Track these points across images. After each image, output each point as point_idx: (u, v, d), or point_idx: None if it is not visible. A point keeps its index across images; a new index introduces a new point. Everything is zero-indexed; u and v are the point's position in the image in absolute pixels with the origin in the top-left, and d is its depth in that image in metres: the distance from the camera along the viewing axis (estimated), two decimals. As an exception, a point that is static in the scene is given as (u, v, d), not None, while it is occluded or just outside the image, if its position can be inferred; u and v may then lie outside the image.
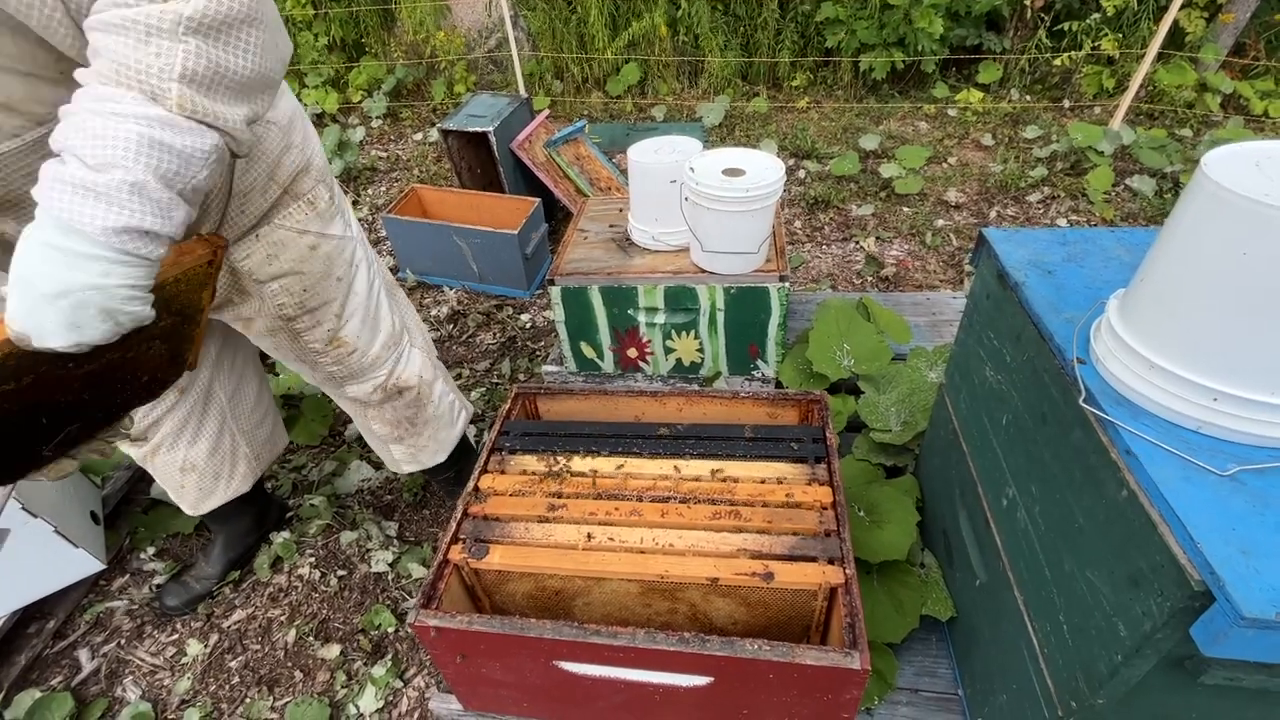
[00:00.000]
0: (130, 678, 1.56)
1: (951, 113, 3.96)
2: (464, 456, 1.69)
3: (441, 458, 1.59)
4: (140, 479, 1.96)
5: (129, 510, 1.91)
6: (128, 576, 1.77)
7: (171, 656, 1.60)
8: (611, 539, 1.01)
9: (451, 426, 1.59)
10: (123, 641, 1.63)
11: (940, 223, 3.04)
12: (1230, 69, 3.83)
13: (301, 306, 1.22)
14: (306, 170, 1.16)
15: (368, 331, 1.33)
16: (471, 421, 2.11)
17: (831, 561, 0.95)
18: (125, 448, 1.39)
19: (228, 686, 1.53)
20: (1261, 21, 3.82)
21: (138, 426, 1.35)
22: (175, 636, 1.64)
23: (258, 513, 1.76)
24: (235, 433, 1.48)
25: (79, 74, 0.72)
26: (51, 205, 0.67)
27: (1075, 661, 0.78)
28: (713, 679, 0.91)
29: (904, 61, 4.05)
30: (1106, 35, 3.78)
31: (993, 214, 3.09)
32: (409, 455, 1.56)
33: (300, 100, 4.85)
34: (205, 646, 1.61)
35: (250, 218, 1.11)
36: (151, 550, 1.82)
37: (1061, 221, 3.01)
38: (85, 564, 1.65)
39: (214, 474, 1.48)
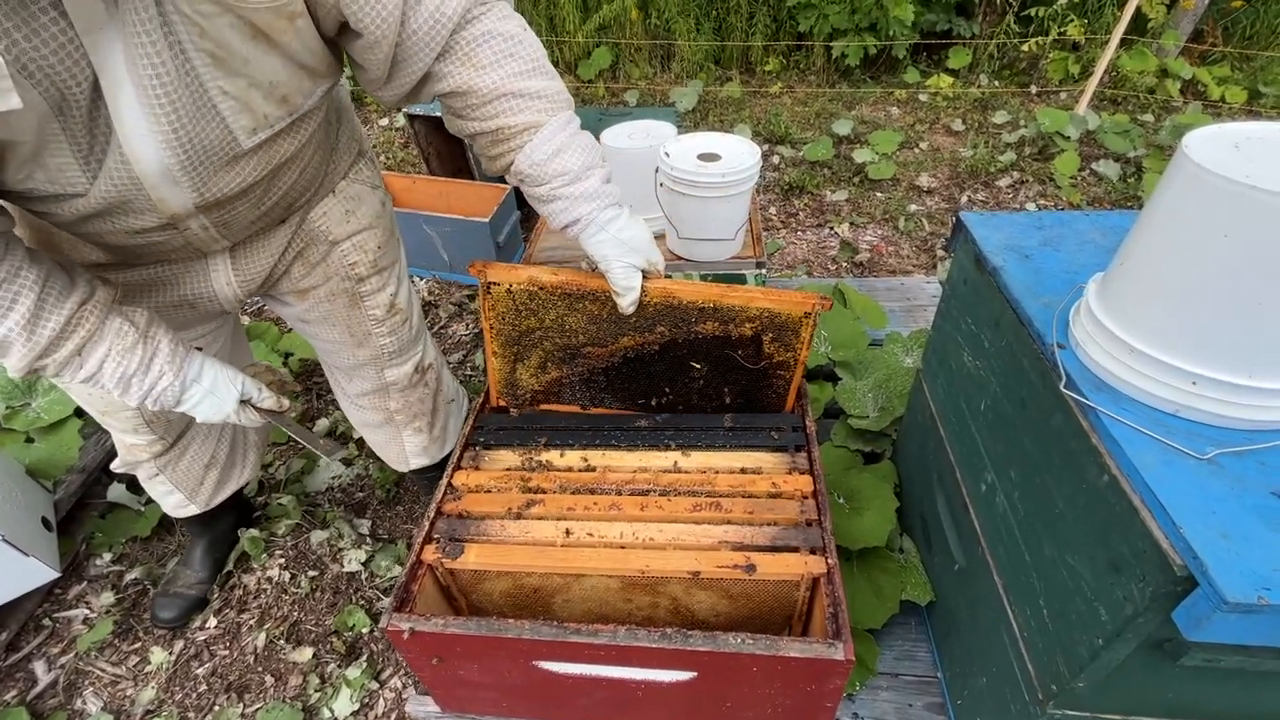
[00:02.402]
0: (90, 689, 1.50)
1: (923, 98, 3.98)
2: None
3: (448, 450, 1.57)
4: (95, 482, 1.87)
5: (84, 515, 1.82)
6: (85, 584, 1.70)
7: (134, 665, 1.54)
8: (590, 534, 0.99)
9: (460, 414, 1.60)
10: (80, 652, 1.56)
11: (913, 208, 3.05)
12: (1190, 55, 3.91)
13: (374, 265, 1.23)
14: (362, 131, 1.22)
15: (414, 303, 1.37)
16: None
17: (813, 551, 0.94)
18: (135, 458, 1.31)
19: (195, 695, 1.48)
20: (1219, 8, 3.91)
21: (167, 439, 1.31)
22: (138, 645, 1.57)
23: (237, 511, 1.71)
24: None
25: (519, 121, 0.93)
26: (623, 201, 1.02)
27: (1055, 645, 0.78)
28: (696, 674, 0.90)
29: (876, 46, 4.05)
30: (1072, 21, 3.83)
31: (964, 199, 3.12)
32: (421, 448, 1.53)
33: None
34: (170, 654, 1.55)
35: (338, 174, 1.15)
36: (109, 556, 1.74)
37: (1030, 205, 3.05)
38: (37, 573, 1.57)
39: (230, 464, 1.47)
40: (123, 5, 0.67)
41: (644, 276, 1.06)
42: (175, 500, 1.43)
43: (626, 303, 1.06)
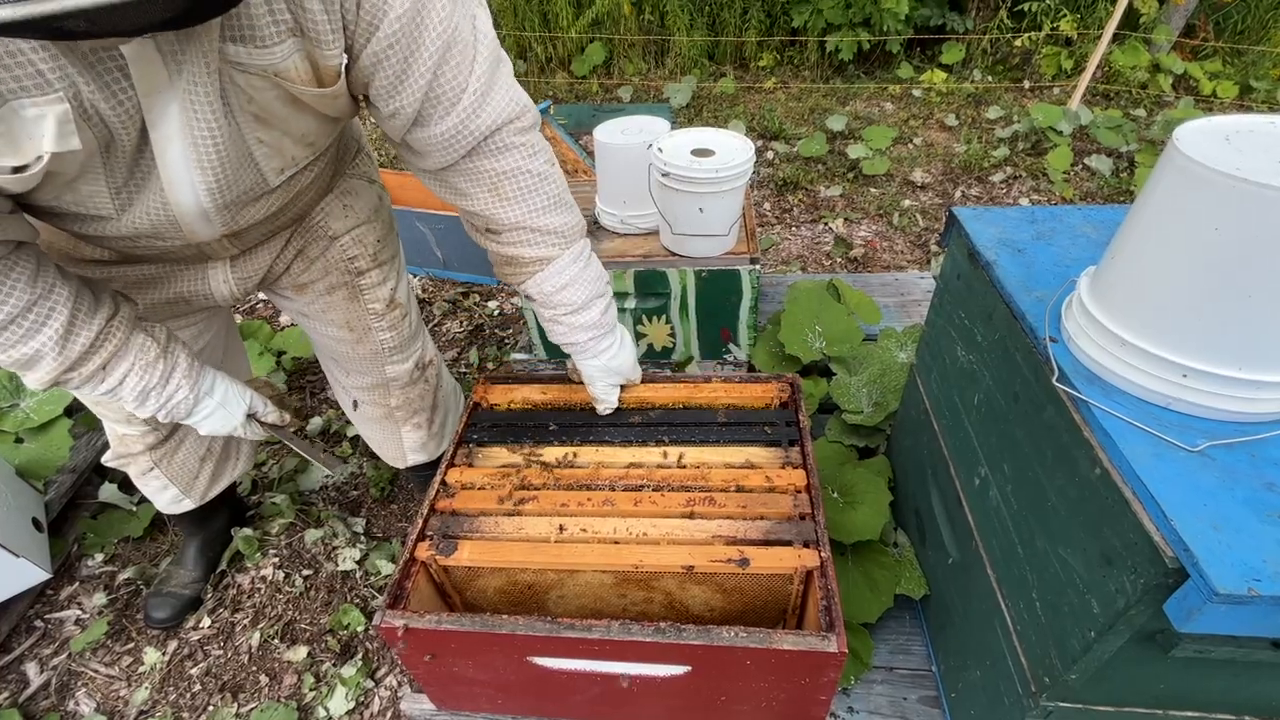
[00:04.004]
0: (83, 690, 1.49)
1: (916, 93, 3.99)
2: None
3: (444, 449, 1.57)
4: (86, 482, 1.86)
5: (75, 515, 1.81)
6: (77, 585, 1.69)
7: (127, 666, 1.53)
8: (584, 530, 0.99)
9: (458, 411, 1.60)
10: (73, 653, 1.55)
11: (907, 203, 3.06)
12: (1181, 50, 3.93)
13: (374, 259, 1.23)
14: (360, 127, 1.23)
15: (412, 299, 1.37)
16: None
17: (807, 545, 0.95)
18: (129, 453, 1.31)
19: (189, 695, 1.47)
20: (1210, 3, 3.92)
21: (162, 431, 1.31)
22: (131, 645, 1.57)
23: (231, 509, 1.71)
24: None
25: (535, 255, 1.00)
26: (618, 326, 1.13)
27: (1048, 638, 0.78)
28: (690, 668, 0.90)
29: (870, 42, 4.05)
30: (1065, 16, 3.84)
31: (957, 194, 3.13)
32: (420, 444, 1.52)
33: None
34: (163, 655, 1.54)
35: (340, 175, 1.16)
36: (101, 556, 1.73)
37: (1024, 201, 3.05)
38: (28, 574, 1.56)
39: (225, 457, 1.46)
40: (185, 74, 0.70)
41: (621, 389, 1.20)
42: (170, 496, 1.42)
43: (602, 409, 1.19)
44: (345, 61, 0.78)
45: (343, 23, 0.75)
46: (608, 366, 1.13)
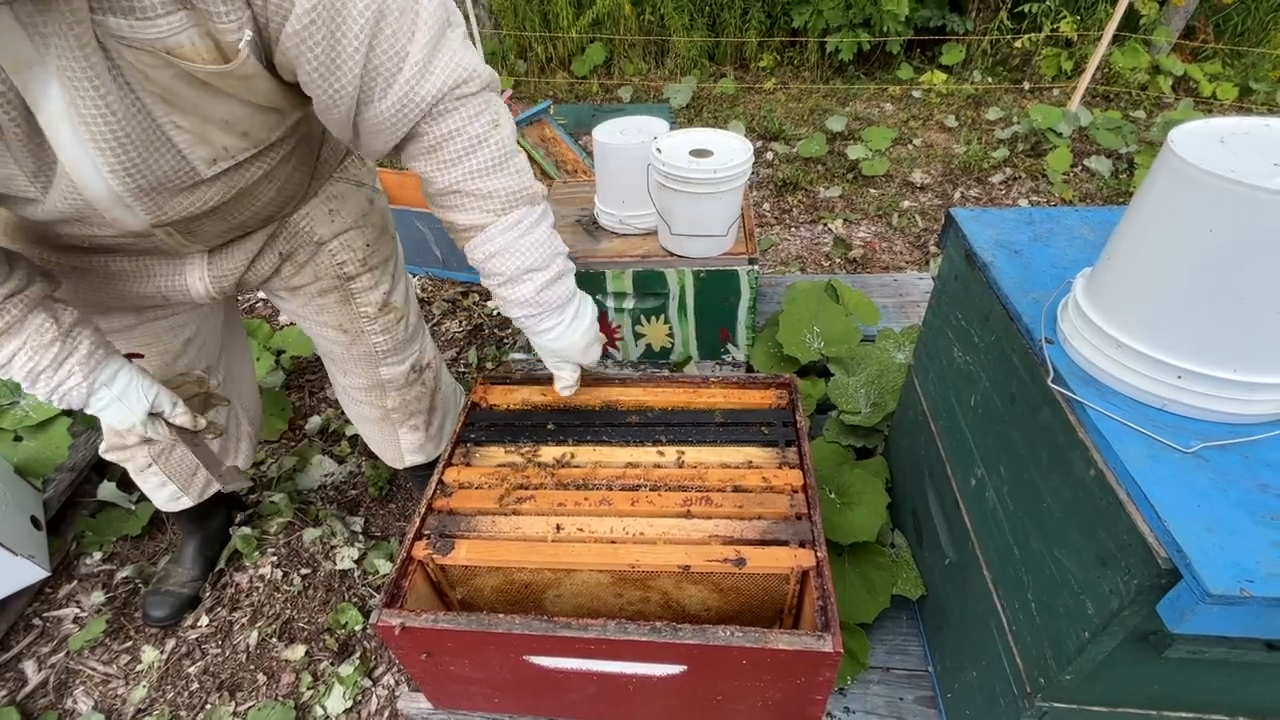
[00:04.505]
0: (81, 688, 1.49)
1: (916, 94, 3.99)
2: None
3: (442, 450, 1.56)
4: (85, 481, 1.86)
5: (74, 514, 1.81)
6: (75, 583, 1.69)
7: (125, 664, 1.53)
8: (581, 530, 0.99)
9: (456, 412, 1.60)
10: (71, 651, 1.55)
11: (906, 204, 3.06)
12: (1181, 52, 3.93)
13: (364, 264, 1.22)
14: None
15: (409, 302, 1.34)
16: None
17: (803, 544, 0.95)
18: (124, 444, 1.31)
19: (186, 693, 1.48)
20: (1210, 5, 3.92)
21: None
22: (129, 644, 1.57)
23: (230, 508, 1.72)
24: (238, 410, 1.46)
25: (468, 220, 0.93)
26: (529, 302, 1.00)
27: (1043, 638, 0.78)
28: (686, 667, 0.90)
29: (870, 42, 4.05)
30: (1065, 18, 3.84)
31: (957, 195, 3.13)
32: (417, 445, 1.53)
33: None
34: (161, 653, 1.54)
35: (322, 181, 1.14)
36: (99, 555, 1.73)
37: (1023, 202, 3.06)
38: (27, 572, 1.56)
39: (223, 454, 1.46)
40: (52, 47, 0.67)
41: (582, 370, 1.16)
42: (168, 493, 1.43)
43: (558, 387, 1.17)
44: (249, 38, 0.73)
45: None
46: (550, 348, 1.08)
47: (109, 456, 1.35)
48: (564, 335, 1.06)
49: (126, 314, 1.14)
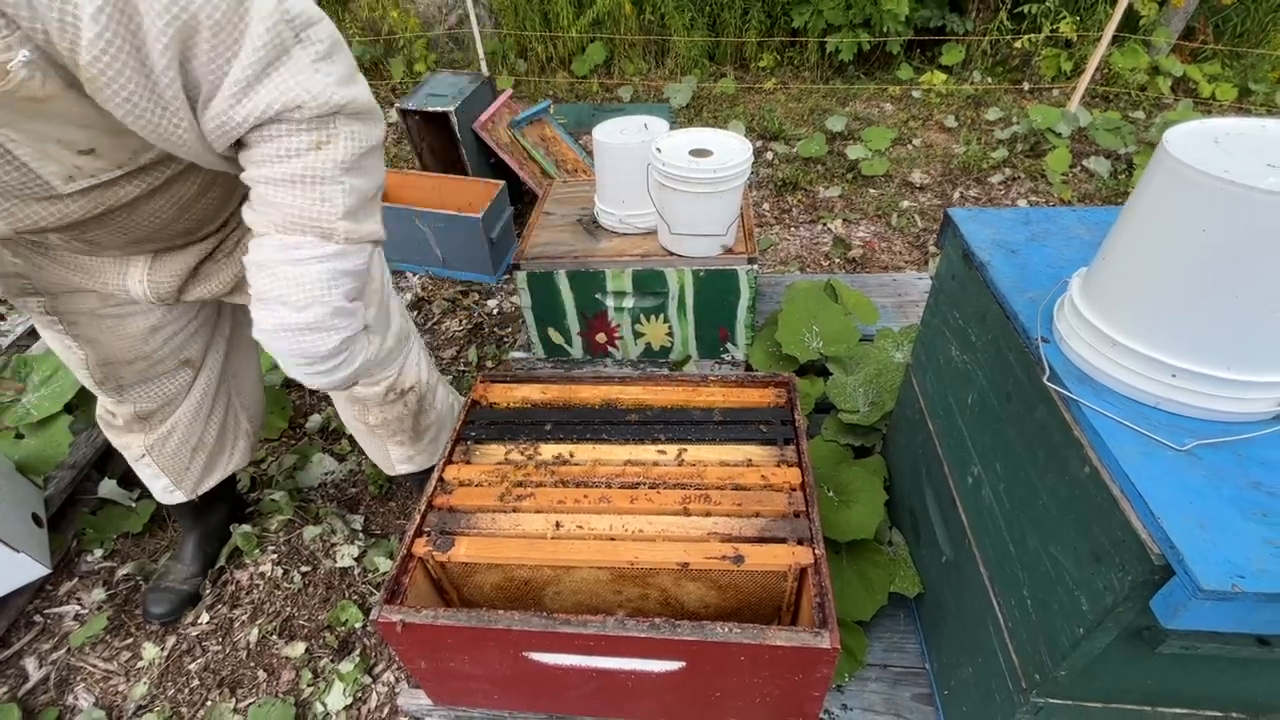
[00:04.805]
0: (82, 685, 1.50)
1: (916, 94, 3.99)
2: None
3: (435, 460, 1.57)
4: (86, 478, 1.87)
5: (75, 511, 1.82)
6: (76, 580, 1.69)
7: (126, 661, 1.54)
8: (580, 527, 1.00)
9: (451, 425, 1.56)
10: (72, 648, 1.56)
11: (905, 204, 3.07)
12: (1180, 52, 3.93)
13: None
14: None
15: (381, 323, 1.28)
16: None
17: (801, 542, 0.95)
18: (125, 437, 1.33)
19: (187, 690, 1.48)
20: (1210, 5, 3.93)
21: (148, 413, 1.31)
22: (129, 641, 1.57)
23: (230, 505, 1.71)
24: (239, 408, 1.46)
25: (254, 222, 0.83)
26: (283, 349, 0.86)
27: (1039, 634, 0.79)
28: (684, 663, 0.91)
29: (870, 43, 4.06)
30: (1065, 18, 3.85)
31: (956, 195, 3.13)
32: (407, 457, 1.53)
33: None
34: (162, 650, 1.55)
35: None
36: (100, 552, 1.74)
37: (1022, 202, 3.06)
38: (28, 569, 1.56)
39: (219, 450, 1.46)
40: None
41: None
42: (162, 485, 1.44)
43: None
44: (23, 59, 0.67)
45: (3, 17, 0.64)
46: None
47: (106, 433, 1.36)
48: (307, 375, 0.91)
49: (89, 296, 1.14)
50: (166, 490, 1.45)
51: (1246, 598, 0.54)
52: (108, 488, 1.80)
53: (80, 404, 1.88)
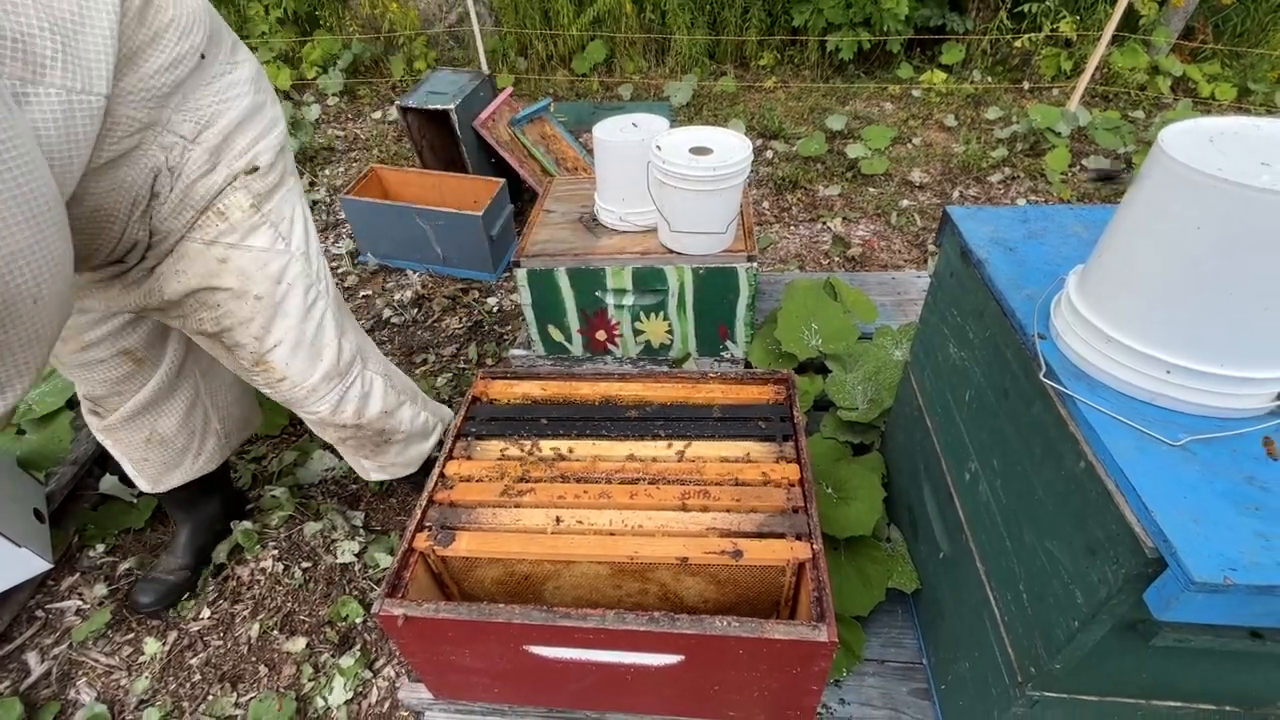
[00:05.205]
0: (84, 679, 1.50)
1: (916, 94, 4.00)
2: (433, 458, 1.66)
3: (413, 470, 1.57)
4: (87, 474, 1.87)
5: (76, 507, 1.82)
6: (78, 575, 1.70)
7: (128, 656, 1.55)
8: (580, 522, 1.00)
9: (424, 440, 1.54)
10: (74, 643, 1.56)
11: (905, 203, 3.07)
12: (1180, 52, 3.94)
13: (217, 324, 1.14)
14: (230, 184, 1.07)
15: (302, 360, 1.21)
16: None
17: (799, 537, 0.96)
18: (88, 417, 1.33)
19: (188, 684, 1.49)
20: (1209, 5, 3.93)
21: (96, 396, 1.30)
22: (131, 635, 1.58)
23: (225, 500, 1.71)
24: (208, 407, 1.44)
25: None
26: None
27: (1034, 628, 0.80)
28: (683, 657, 0.91)
29: (870, 41, 4.06)
30: (1065, 17, 3.85)
31: (955, 194, 3.14)
32: (377, 467, 1.53)
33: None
34: (164, 645, 1.55)
35: (169, 244, 1.07)
36: (102, 547, 1.74)
37: (1021, 201, 3.07)
38: (30, 564, 1.57)
39: (181, 448, 1.44)
40: None
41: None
42: (128, 470, 1.43)
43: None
44: None
45: None
46: None
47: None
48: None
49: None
50: (132, 474, 1.44)
51: (1238, 590, 0.55)
52: (109, 483, 1.81)
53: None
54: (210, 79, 1.02)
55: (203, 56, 0.99)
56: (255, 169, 1.09)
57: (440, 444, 1.68)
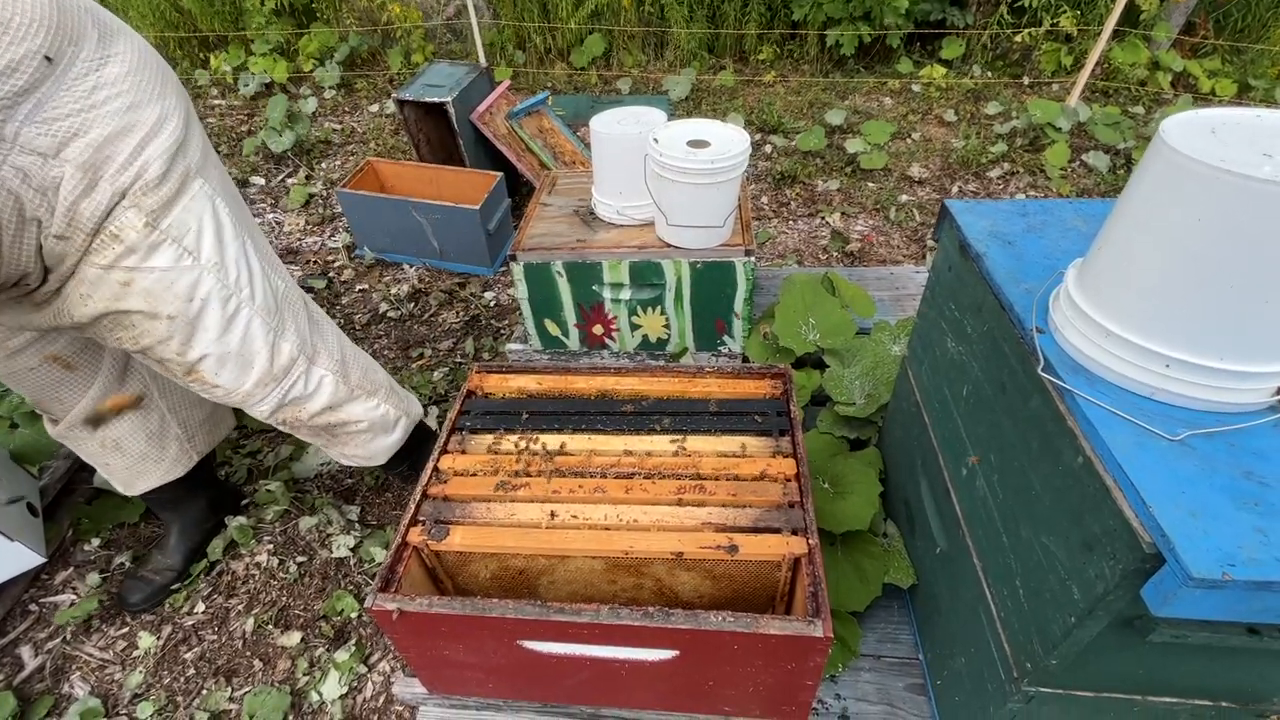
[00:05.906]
0: (78, 673, 1.50)
1: (915, 88, 3.98)
2: (420, 447, 1.65)
3: (379, 462, 1.54)
4: (81, 468, 1.86)
5: (70, 501, 1.82)
6: (71, 570, 1.69)
7: (122, 650, 1.54)
8: (575, 516, 1.00)
9: (387, 434, 1.49)
10: (68, 636, 1.56)
11: (904, 198, 3.06)
12: (1181, 47, 3.92)
13: (136, 342, 1.11)
14: (119, 202, 0.98)
15: (231, 370, 1.18)
16: (434, 403, 2.07)
17: (795, 532, 0.96)
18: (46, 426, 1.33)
19: (183, 679, 1.49)
20: (1210, 1, 3.91)
21: (40, 403, 1.29)
22: (125, 630, 1.58)
23: (211, 499, 1.69)
24: (164, 411, 1.41)
25: None
26: None
27: (1030, 624, 0.79)
28: (678, 652, 0.91)
29: (870, 36, 4.04)
30: (1065, 12, 3.83)
31: (954, 189, 3.13)
32: (342, 455, 1.51)
33: (247, 69, 4.51)
34: (158, 639, 1.55)
35: (67, 267, 1.00)
36: (96, 542, 1.74)
37: (1020, 196, 3.06)
38: (23, 558, 1.56)
39: (140, 454, 1.41)
40: None
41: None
42: (99, 472, 1.43)
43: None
44: None
45: None
46: None
47: None
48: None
49: None
50: (107, 480, 1.43)
51: (1236, 586, 0.54)
52: (102, 478, 1.80)
53: (75, 394, 1.88)
54: (70, 83, 0.90)
55: (49, 59, 0.88)
56: (145, 182, 0.98)
57: (427, 439, 1.67)
